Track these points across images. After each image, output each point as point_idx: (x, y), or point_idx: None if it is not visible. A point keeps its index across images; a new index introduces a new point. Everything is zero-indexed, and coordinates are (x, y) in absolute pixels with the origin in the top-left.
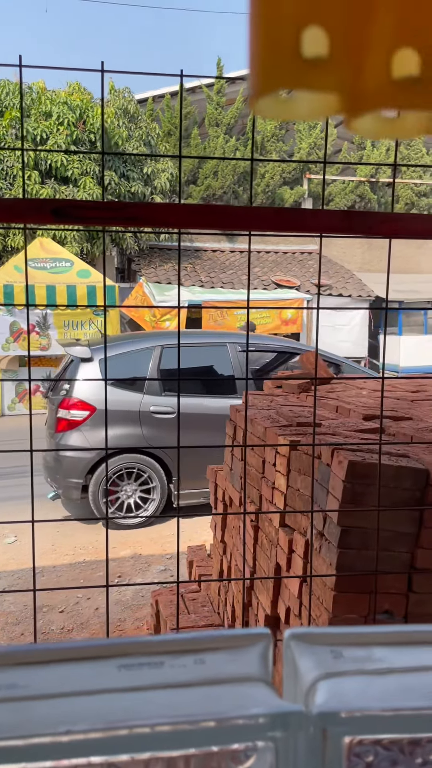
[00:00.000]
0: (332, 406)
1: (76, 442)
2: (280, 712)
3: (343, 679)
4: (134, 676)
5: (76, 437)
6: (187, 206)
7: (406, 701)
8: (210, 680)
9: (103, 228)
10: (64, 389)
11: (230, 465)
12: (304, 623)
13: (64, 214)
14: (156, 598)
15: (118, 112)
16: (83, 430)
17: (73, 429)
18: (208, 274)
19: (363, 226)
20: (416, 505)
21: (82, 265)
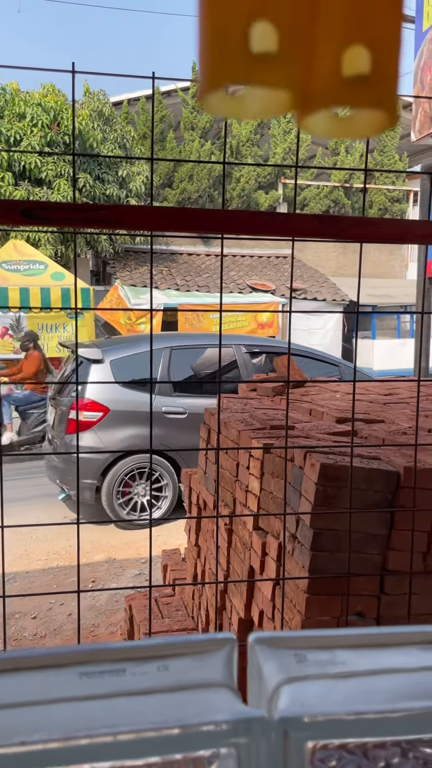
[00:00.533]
0: (306, 409)
1: (89, 443)
2: (243, 718)
3: (306, 683)
4: (95, 684)
5: (89, 438)
6: (158, 209)
7: (368, 704)
8: (173, 687)
9: (74, 230)
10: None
11: (204, 468)
12: (277, 626)
13: (35, 215)
14: (130, 603)
15: (92, 115)
16: (97, 431)
17: (86, 430)
18: (183, 278)
19: (334, 230)
20: (387, 507)
21: (56, 268)
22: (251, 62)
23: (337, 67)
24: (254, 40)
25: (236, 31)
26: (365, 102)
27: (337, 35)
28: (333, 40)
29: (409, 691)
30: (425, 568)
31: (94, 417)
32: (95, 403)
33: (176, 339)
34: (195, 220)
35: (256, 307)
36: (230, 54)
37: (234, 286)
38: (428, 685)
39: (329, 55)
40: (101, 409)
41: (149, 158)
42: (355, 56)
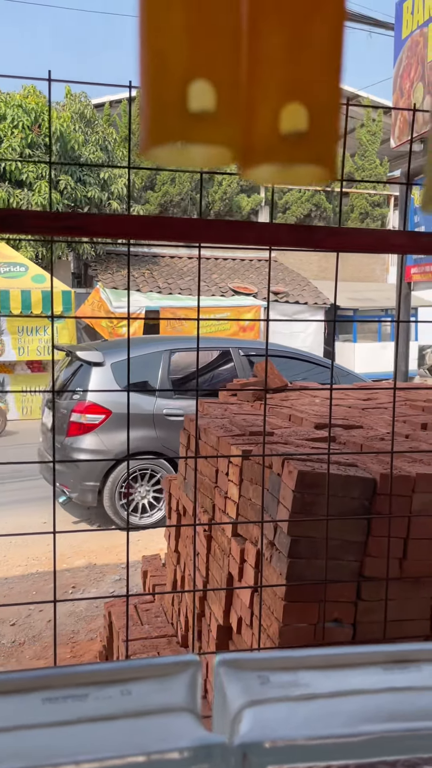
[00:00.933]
0: (285, 414)
1: (91, 446)
2: (202, 744)
3: (268, 707)
4: (58, 710)
5: (92, 440)
6: (134, 218)
7: (329, 728)
8: (135, 712)
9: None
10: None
11: (184, 474)
12: (255, 633)
13: (8, 223)
14: (109, 610)
15: (74, 117)
16: (99, 433)
17: (88, 432)
18: (165, 281)
19: (310, 240)
20: (364, 514)
21: (37, 270)
22: (189, 120)
23: (275, 124)
24: (192, 98)
25: (174, 90)
26: (303, 158)
27: (275, 93)
28: (271, 98)
29: (371, 713)
30: (401, 574)
31: (96, 419)
32: (97, 405)
33: (176, 342)
34: (172, 229)
35: (238, 310)
36: (169, 112)
37: (216, 289)
38: (390, 707)
39: (267, 113)
40: (103, 412)
41: (127, 166)
42: (292, 114)
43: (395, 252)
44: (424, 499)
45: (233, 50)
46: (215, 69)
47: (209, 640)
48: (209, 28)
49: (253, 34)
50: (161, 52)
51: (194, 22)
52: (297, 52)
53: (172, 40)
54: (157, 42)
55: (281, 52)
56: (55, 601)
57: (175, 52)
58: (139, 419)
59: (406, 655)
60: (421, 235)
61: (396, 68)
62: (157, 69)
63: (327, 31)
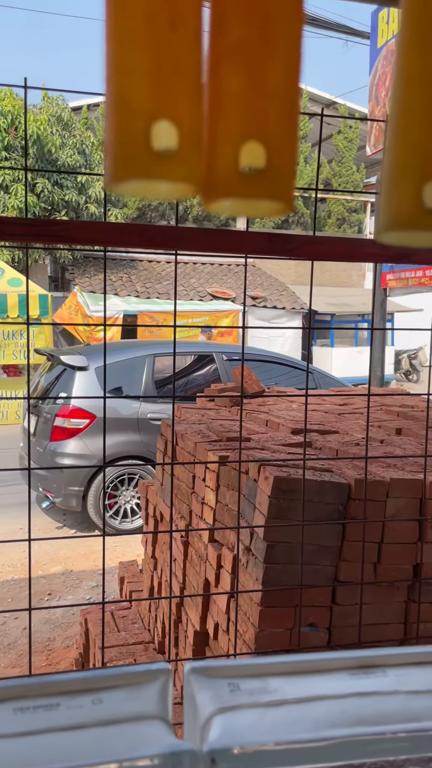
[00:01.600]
0: (262, 420)
1: (75, 450)
2: (172, 751)
3: (238, 713)
4: (29, 720)
5: (76, 445)
6: (112, 225)
7: (296, 733)
8: (106, 720)
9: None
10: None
11: (161, 480)
12: (231, 639)
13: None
14: (85, 617)
15: (51, 120)
16: (83, 438)
17: (72, 437)
18: (144, 285)
19: (285, 248)
20: (339, 519)
21: (13, 273)
22: (153, 159)
23: (234, 161)
24: (156, 138)
25: (138, 130)
26: (260, 194)
27: (234, 132)
28: (230, 137)
29: (337, 718)
30: (376, 578)
31: (81, 424)
32: (81, 410)
33: (159, 346)
34: (148, 236)
35: (216, 314)
36: (133, 151)
37: (194, 294)
38: (355, 712)
39: (227, 151)
40: (87, 416)
41: (102, 174)
42: (250, 152)
43: (368, 260)
44: (397, 504)
45: (195, 91)
46: (177, 109)
47: (186, 646)
48: (172, 70)
49: (213, 75)
50: (126, 94)
51: (157, 65)
52: (255, 93)
53: (136, 82)
54: (121, 84)
55: (240, 93)
56: (30, 608)
57: (139, 93)
58: (124, 423)
59: (371, 661)
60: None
61: (372, 77)
62: (122, 109)
63: (284, 74)
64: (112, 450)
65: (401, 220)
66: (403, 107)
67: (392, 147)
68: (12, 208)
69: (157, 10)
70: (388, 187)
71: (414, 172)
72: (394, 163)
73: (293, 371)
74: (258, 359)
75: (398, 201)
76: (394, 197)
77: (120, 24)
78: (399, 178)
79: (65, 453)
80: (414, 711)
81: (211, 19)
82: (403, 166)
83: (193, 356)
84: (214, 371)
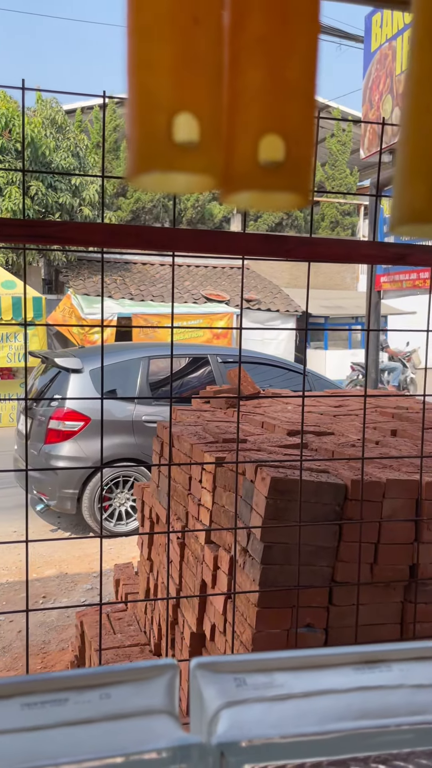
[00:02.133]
0: (258, 421)
1: (70, 453)
2: (181, 744)
3: (245, 707)
4: (38, 715)
5: (71, 448)
6: (107, 226)
7: (302, 727)
8: (114, 715)
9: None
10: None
11: (157, 482)
12: (228, 640)
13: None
14: (81, 619)
15: (45, 122)
16: (78, 440)
17: (67, 440)
18: (138, 287)
19: (281, 249)
20: (336, 520)
21: (6, 276)
22: (175, 151)
23: (253, 154)
24: (178, 130)
25: (161, 122)
26: (279, 186)
27: (254, 126)
28: (250, 130)
29: (342, 711)
30: (372, 578)
31: (75, 426)
32: (75, 412)
33: (154, 348)
34: (144, 238)
35: (210, 317)
36: (155, 143)
37: (189, 296)
38: (360, 705)
39: (246, 144)
40: (82, 419)
41: (100, 175)
42: (269, 145)
43: (364, 262)
44: (394, 504)
45: (215, 85)
46: (199, 102)
47: (182, 647)
48: (194, 64)
49: (234, 69)
50: (149, 87)
51: (180, 59)
52: (274, 87)
53: (159, 75)
54: (144, 77)
55: (260, 87)
56: (27, 610)
57: (161, 87)
58: (119, 426)
59: (375, 656)
60: (389, 246)
61: (365, 80)
62: (145, 103)
63: (302, 69)
64: (107, 452)
65: (416, 214)
66: (417, 103)
67: (406, 142)
68: (6, 210)
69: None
70: (402, 181)
71: (428, 167)
72: (408, 158)
73: (288, 374)
74: (253, 361)
75: (412, 194)
76: (408, 191)
77: (143, 19)
78: (413, 172)
79: (60, 455)
80: (418, 704)
81: (232, 14)
82: (417, 161)
83: (188, 359)
84: (209, 373)
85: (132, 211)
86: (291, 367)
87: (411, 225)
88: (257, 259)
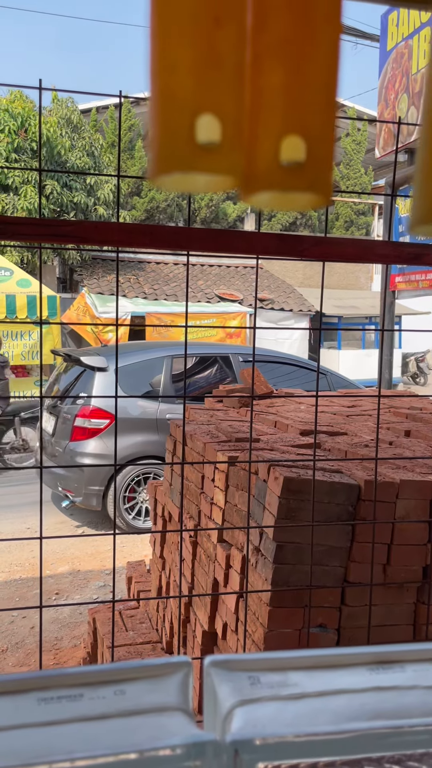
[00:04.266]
0: (271, 421)
1: (95, 450)
2: (195, 741)
3: (259, 705)
4: (53, 710)
5: (96, 445)
6: (122, 225)
7: (316, 726)
8: (129, 711)
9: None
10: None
11: (170, 480)
12: (240, 639)
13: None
14: (93, 616)
15: (60, 122)
16: (104, 438)
17: (92, 437)
18: (151, 286)
19: (296, 249)
20: (349, 520)
21: (22, 275)
22: (197, 151)
23: (275, 155)
24: (200, 131)
25: (183, 123)
26: (300, 186)
27: (275, 126)
28: (271, 131)
29: (356, 711)
30: (385, 579)
31: (101, 424)
32: (101, 410)
33: (177, 348)
34: (159, 237)
35: (224, 316)
36: (177, 144)
37: (202, 296)
38: (374, 706)
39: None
40: (107, 417)
41: (116, 175)
42: (291, 145)
43: (379, 262)
44: (407, 505)
45: (237, 86)
46: (221, 103)
47: (194, 645)
48: (216, 65)
49: (255, 70)
50: (171, 88)
51: (201, 60)
52: (296, 88)
53: (181, 77)
54: (167, 79)
55: (282, 88)
56: (41, 606)
57: (183, 88)
58: (143, 424)
59: (390, 656)
60: (404, 246)
61: (381, 79)
62: (167, 103)
63: (324, 70)
64: (130, 450)
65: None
66: None
67: (427, 142)
68: (22, 209)
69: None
70: (423, 180)
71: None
72: (429, 158)
73: (308, 374)
74: (273, 361)
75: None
76: (428, 190)
77: (165, 20)
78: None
79: (86, 453)
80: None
81: (254, 15)
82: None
83: (211, 358)
84: (231, 372)
85: (146, 210)
86: (311, 367)
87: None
88: (271, 258)
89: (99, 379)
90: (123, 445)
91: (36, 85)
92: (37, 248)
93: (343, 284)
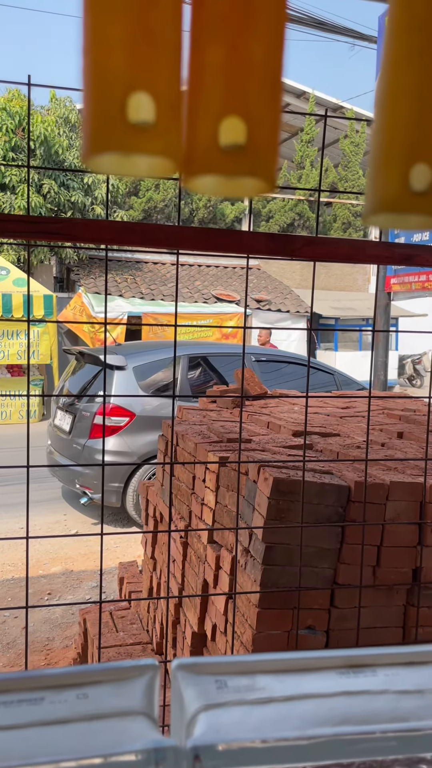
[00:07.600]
0: (264, 421)
1: (115, 447)
2: (156, 747)
3: (224, 710)
4: (12, 714)
5: (116, 442)
6: (112, 223)
7: (282, 731)
8: (91, 715)
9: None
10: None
11: (161, 481)
12: (229, 640)
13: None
14: (84, 617)
15: (58, 121)
16: (123, 435)
17: (112, 435)
18: (148, 286)
19: (287, 248)
20: (339, 522)
21: (18, 273)
22: (129, 131)
23: (214, 137)
24: (132, 109)
25: (114, 101)
26: (241, 171)
27: (214, 107)
28: (210, 112)
29: (324, 716)
30: (375, 581)
31: (121, 422)
32: (121, 408)
33: (193, 347)
34: (149, 235)
35: (220, 317)
36: (109, 122)
37: (199, 296)
38: (342, 710)
39: (207, 126)
40: (127, 414)
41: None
42: (230, 127)
43: (371, 262)
44: (397, 507)
45: (173, 64)
46: (155, 81)
47: (184, 647)
48: (149, 42)
49: (193, 48)
50: (102, 64)
51: (135, 36)
52: (236, 68)
53: (113, 52)
54: (97, 54)
55: (220, 67)
56: (27, 607)
57: (115, 64)
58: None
59: (361, 660)
60: (396, 246)
61: (377, 81)
62: (98, 80)
63: (266, 49)
64: (149, 448)
65: (388, 203)
66: (391, 89)
67: (380, 129)
68: (18, 208)
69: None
70: (375, 169)
71: (401, 155)
72: (382, 146)
73: (314, 373)
74: (283, 360)
75: (385, 183)
76: (381, 179)
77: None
78: (386, 160)
79: (105, 450)
80: (403, 711)
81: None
82: (391, 149)
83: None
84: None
85: (144, 210)
86: (321, 368)
87: (384, 214)
88: (264, 258)
89: (118, 377)
90: (142, 442)
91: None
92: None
93: (340, 286)
